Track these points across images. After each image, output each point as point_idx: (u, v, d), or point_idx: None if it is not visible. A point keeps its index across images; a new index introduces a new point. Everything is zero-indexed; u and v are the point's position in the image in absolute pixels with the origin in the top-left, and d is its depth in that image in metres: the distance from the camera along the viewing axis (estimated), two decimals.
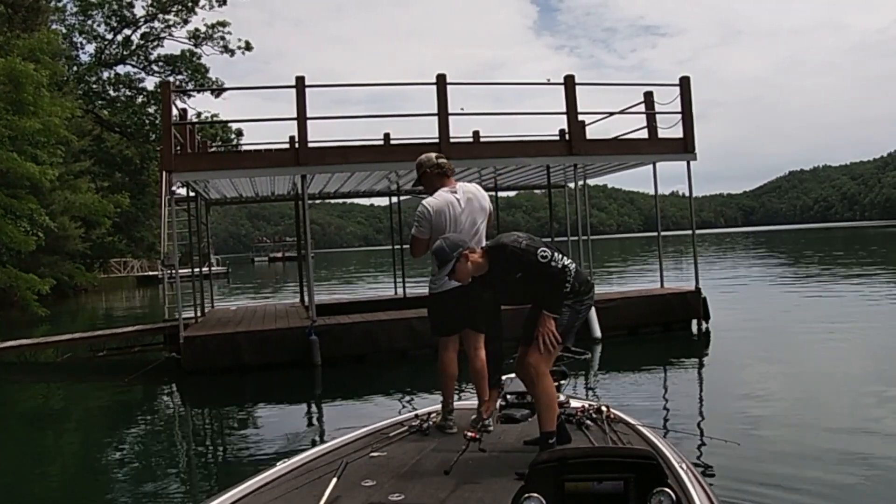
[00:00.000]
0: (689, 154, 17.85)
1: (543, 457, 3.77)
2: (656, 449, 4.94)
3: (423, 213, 6.11)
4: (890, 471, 7.17)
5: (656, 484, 3.54)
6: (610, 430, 5.60)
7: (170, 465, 9.20)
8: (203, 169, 16.37)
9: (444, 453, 5.34)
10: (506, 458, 5.18)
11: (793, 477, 6.96)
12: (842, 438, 8.34)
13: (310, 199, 18.70)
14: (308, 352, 14.62)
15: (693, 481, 4.26)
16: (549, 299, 5.18)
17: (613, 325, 16.27)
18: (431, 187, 6.35)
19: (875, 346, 14.79)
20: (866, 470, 7.15)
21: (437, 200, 6.15)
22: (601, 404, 6.13)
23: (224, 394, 13.64)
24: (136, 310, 36.61)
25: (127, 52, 49.56)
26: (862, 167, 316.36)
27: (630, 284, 28.92)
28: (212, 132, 43.95)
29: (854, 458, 7.49)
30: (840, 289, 26.27)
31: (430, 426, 6.06)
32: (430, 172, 6.40)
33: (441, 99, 16.08)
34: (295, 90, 15.47)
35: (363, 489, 4.64)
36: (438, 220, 6.07)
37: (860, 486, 6.77)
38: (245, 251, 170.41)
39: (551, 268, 5.06)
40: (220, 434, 11.08)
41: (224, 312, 20.59)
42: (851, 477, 6.97)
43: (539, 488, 3.53)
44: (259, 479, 4.80)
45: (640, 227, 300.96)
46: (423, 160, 6.49)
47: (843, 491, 6.64)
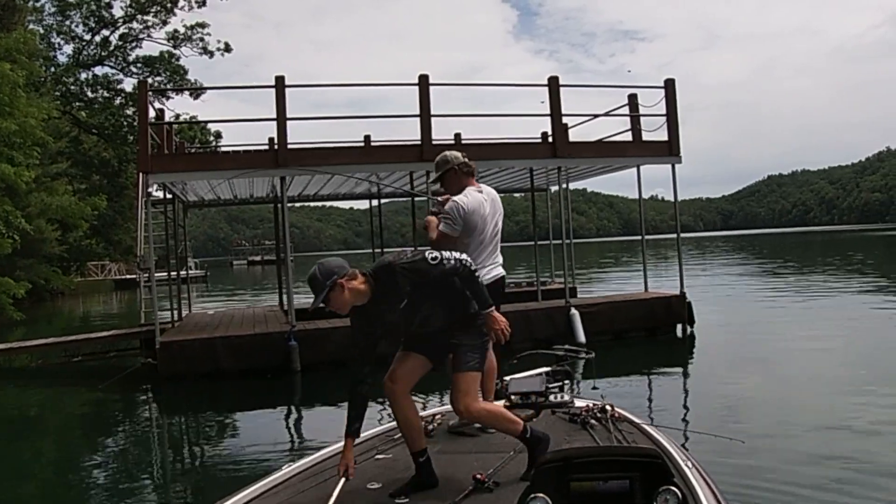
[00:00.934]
0: (674, 157, 17.72)
1: (548, 457, 3.76)
2: (661, 447, 4.92)
3: (458, 210, 5.98)
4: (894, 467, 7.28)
5: (662, 482, 3.53)
6: (615, 430, 5.56)
7: (145, 474, 9.00)
8: (180, 170, 16.02)
9: (449, 455, 5.35)
10: (511, 460, 5.08)
11: (799, 474, 7.04)
12: (846, 436, 8.50)
13: (289, 202, 18.43)
14: (287, 358, 14.40)
15: (699, 479, 4.25)
16: (469, 300, 4.87)
17: (598, 331, 16.10)
18: (457, 186, 6.23)
19: (861, 348, 15.03)
20: (871, 468, 7.23)
21: (471, 199, 6.05)
22: (605, 403, 6.09)
23: (201, 400, 13.38)
24: (114, 314, 36.24)
25: (105, 53, 49.08)
26: (840, 172, 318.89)
27: (614, 289, 28.76)
28: (190, 134, 43.63)
29: (858, 456, 7.58)
30: (822, 292, 26.34)
31: (434, 428, 5.98)
32: (458, 170, 6.26)
33: (423, 100, 15.85)
34: (274, 90, 15.20)
35: (368, 492, 4.68)
36: (472, 219, 6.00)
37: (866, 483, 6.82)
38: (224, 254, 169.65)
39: (445, 267, 4.64)
40: (197, 441, 10.85)
41: (202, 317, 20.32)
42: (857, 474, 7.04)
43: (544, 488, 3.52)
44: (266, 482, 4.83)
45: (619, 231, 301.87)
46: (451, 157, 6.33)
47: (849, 488, 6.68)
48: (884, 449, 8.01)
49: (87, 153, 49.30)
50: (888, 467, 7.33)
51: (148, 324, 16.18)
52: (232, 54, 48.99)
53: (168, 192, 18.65)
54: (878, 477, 7.03)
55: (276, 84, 15.20)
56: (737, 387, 11.84)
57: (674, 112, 17.62)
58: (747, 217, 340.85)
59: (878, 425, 8.94)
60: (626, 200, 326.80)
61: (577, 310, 16.45)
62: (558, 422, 6.10)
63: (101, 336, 17.86)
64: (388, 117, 17.35)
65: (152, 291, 15.73)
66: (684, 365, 14.83)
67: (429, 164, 15.73)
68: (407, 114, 16.23)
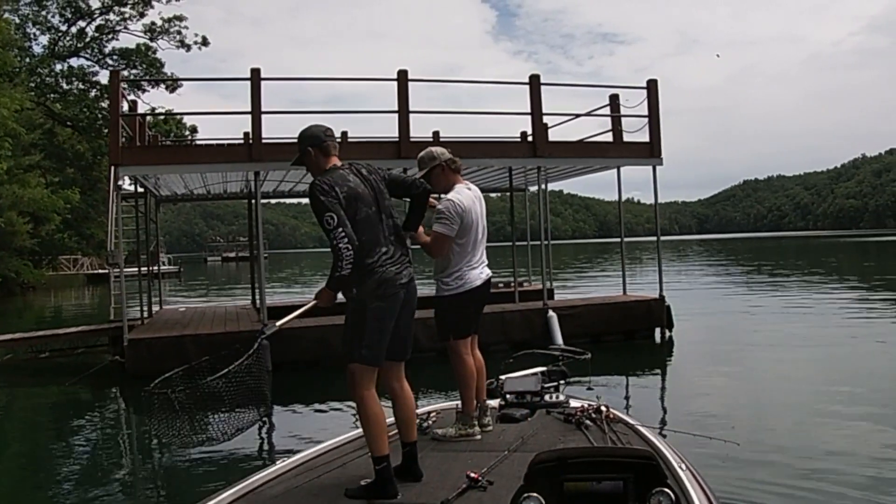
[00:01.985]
0: (656, 159, 17.53)
1: (543, 456, 3.73)
2: (655, 449, 4.98)
3: (453, 209, 5.83)
4: (888, 469, 7.35)
5: (656, 484, 3.56)
6: (609, 430, 5.62)
7: (111, 474, 8.67)
8: (152, 163, 15.65)
9: (443, 453, 5.45)
10: (505, 459, 5.13)
11: (791, 476, 7.08)
12: (837, 437, 8.62)
13: (263, 199, 18.11)
14: None
15: (692, 481, 4.30)
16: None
17: (575, 334, 15.77)
18: (443, 183, 6.09)
19: (838, 350, 15.24)
20: (866, 469, 7.30)
21: (465, 197, 5.94)
22: (600, 404, 6.10)
23: None
24: (85, 309, 35.66)
25: (81, 45, 48.45)
26: (815, 177, 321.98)
27: (590, 291, 28.62)
28: (166, 128, 43.20)
29: (853, 457, 7.71)
30: (797, 296, 26.55)
31: (429, 426, 6.03)
32: (445, 167, 6.09)
33: (402, 95, 15.56)
34: (249, 83, 14.87)
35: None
36: (468, 217, 5.90)
37: (860, 484, 6.84)
38: (198, 250, 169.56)
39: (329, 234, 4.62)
40: (163, 442, 10.41)
41: (172, 314, 19.96)
42: (851, 476, 7.08)
43: (538, 488, 3.55)
44: (258, 477, 4.88)
45: (594, 233, 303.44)
46: (437, 153, 6.14)
47: (843, 490, 6.70)
48: (875, 449, 8.10)
49: (60, 145, 48.77)
50: (881, 467, 7.38)
51: (117, 320, 15.80)
52: (209, 50, 48.70)
53: (140, 185, 18.28)
54: (879, 476, 7.09)
55: (251, 76, 14.87)
56: (725, 390, 11.93)
57: (656, 113, 17.43)
58: (723, 221, 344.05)
59: (868, 425, 9.10)
60: (601, 202, 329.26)
61: (555, 312, 16.20)
62: (553, 421, 6.14)
63: (69, 332, 17.43)
64: (366, 112, 17.12)
65: (121, 287, 15.40)
66: (663, 368, 14.75)
67: (407, 161, 15.54)
68: (385, 109, 15.93)
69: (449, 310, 6.01)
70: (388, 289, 4.85)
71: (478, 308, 6.14)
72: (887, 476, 7.14)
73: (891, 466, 7.45)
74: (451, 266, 5.97)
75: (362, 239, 4.75)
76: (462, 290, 5.93)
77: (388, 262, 4.89)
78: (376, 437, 4.73)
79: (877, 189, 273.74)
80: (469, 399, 5.96)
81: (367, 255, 4.80)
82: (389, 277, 4.86)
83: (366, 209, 4.86)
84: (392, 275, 4.87)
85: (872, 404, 10.27)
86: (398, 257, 4.97)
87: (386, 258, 4.88)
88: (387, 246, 4.93)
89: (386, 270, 4.85)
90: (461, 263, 5.97)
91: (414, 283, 5.13)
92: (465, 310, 6.00)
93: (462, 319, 6.00)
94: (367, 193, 4.94)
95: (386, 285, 4.84)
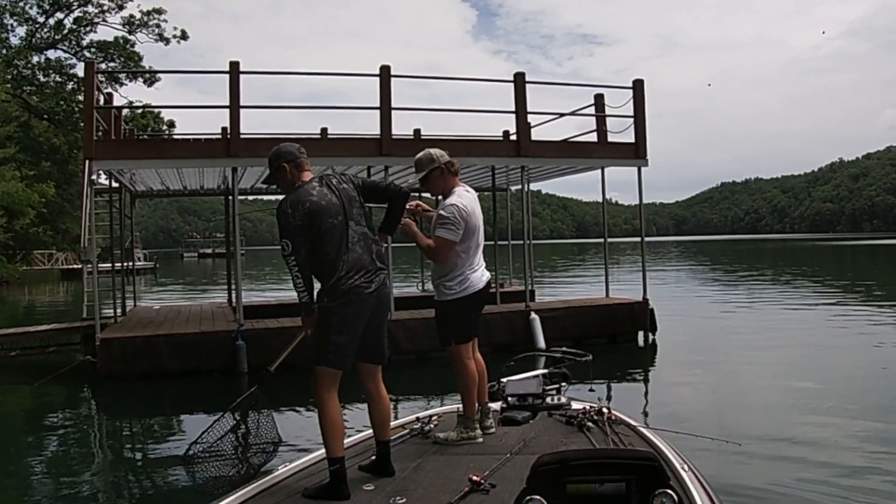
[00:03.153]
0: (641, 160, 17.33)
1: (545, 459, 3.74)
2: (658, 450, 4.99)
3: (458, 214, 5.81)
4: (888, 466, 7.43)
5: (658, 485, 3.57)
6: (611, 432, 5.63)
7: (78, 480, 8.26)
8: (126, 157, 15.22)
9: (445, 456, 5.45)
10: (508, 462, 5.14)
11: (794, 476, 7.10)
12: (839, 437, 8.67)
13: (241, 195, 17.76)
14: (234, 358, 13.73)
15: (695, 482, 4.30)
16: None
17: (557, 336, 15.42)
18: (442, 186, 6.10)
19: (823, 353, 15.50)
20: (868, 467, 7.40)
21: (466, 201, 5.92)
22: (602, 406, 6.11)
23: (141, 402, 12.77)
24: (59, 305, 35.27)
25: (59, 37, 48.03)
26: (793, 181, 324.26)
27: (572, 293, 28.50)
28: (143, 123, 42.75)
29: (855, 456, 7.81)
30: (778, 298, 26.83)
31: (431, 429, 6.04)
32: (444, 169, 6.05)
33: (384, 91, 15.21)
34: (228, 76, 14.50)
35: (364, 493, 4.74)
36: (471, 221, 5.89)
37: (861, 485, 6.87)
38: (175, 246, 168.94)
39: (283, 259, 4.96)
40: (134, 447, 10.19)
41: (146, 312, 19.50)
42: (852, 476, 7.12)
43: (541, 490, 3.54)
44: (260, 483, 4.86)
45: (572, 233, 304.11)
46: (436, 155, 6.05)
47: (845, 489, 6.71)
48: (876, 446, 8.24)
49: (36, 139, 48.23)
50: (883, 467, 7.43)
51: (89, 318, 15.39)
52: (188, 45, 48.27)
53: (115, 180, 17.88)
54: (874, 477, 7.11)
55: (230, 69, 14.50)
56: (718, 391, 12.04)
57: (642, 114, 17.21)
58: (700, 223, 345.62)
59: (866, 424, 9.29)
60: (579, 203, 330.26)
61: (537, 314, 15.91)
62: (555, 424, 6.15)
63: (40, 330, 17.09)
64: (347, 108, 16.75)
65: (94, 284, 15.00)
66: (648, 371, 14.60)
67: (388, 158, 15.24)
68: (367, 106, 15.55)
69: (452, 314, 5.97)
70: (355, 296, 4.95)
71: (478, 311, 6.15)
72: (887, 474, 7.20)
73: (891, 466, 7.50)
74: (454, 270, 5.91)
75: (327, 249, 4.93)
76: (465, 294, 5.90)
77: (355, 271, 4.98)
78: (333, 440, 4.87)
79: (854, 193, 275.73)
80: (471, 403, 5.92)
81: (334, 264, 4.95)
82: (356, 285, 4.96)
83: (330, 220, 4.96)
84: (359, 282, 4.98)
85: (870, 404, 10.43)
86: (366, 265, 5.06)
87: (352, 266, 4.98)
88: (354, 253, 5.02)
89: (352, 278, 4.95)
90: (464, 267, 5.93)
91: (386, 288, 5.22)
92: (468, 313, 5.99)
93: (464, 323, 5.97)
94: (333, 204, 5.02)
95: (352, 292, 4.94)
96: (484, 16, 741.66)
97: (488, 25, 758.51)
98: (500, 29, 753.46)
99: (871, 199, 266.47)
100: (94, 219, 15.96)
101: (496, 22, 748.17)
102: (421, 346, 14.04)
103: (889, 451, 8.11)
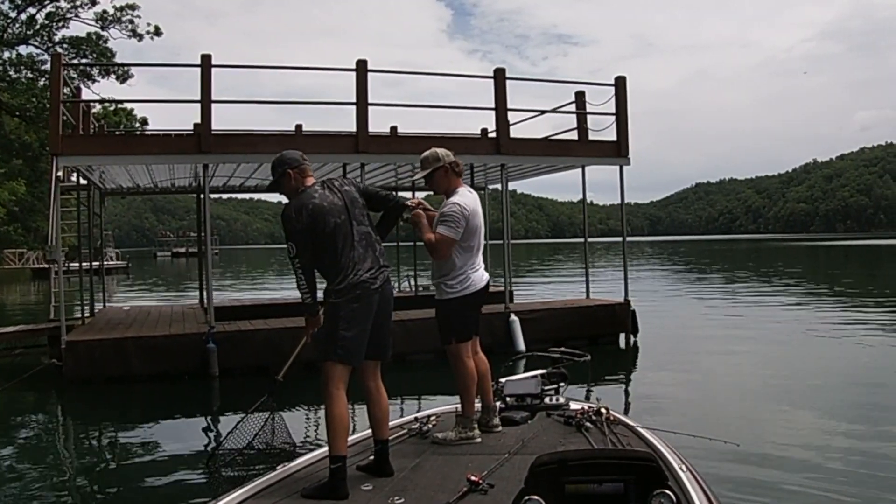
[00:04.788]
0: (623, 158, 17.00)
1: (544, 459, 3.76)
2: (656, 451, 5.01)
3: (460, 212, 5.88)
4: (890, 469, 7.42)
5: (657, 486, 3.59)
6: (609, 433, 5.66)
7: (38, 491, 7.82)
8: (93, 153, 14.65)
9: (443, 456, 5.48)
10: (506, 462, 5.15)
11: (792, 477, 7.15)
12: (837, 437, 8.76)
13: (213, 193, 17.32)
14: (205, 361, 13.32)
15: (693, 483, 4.31)
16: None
17: (538, 339, 15.01)
18: (445, 185, 6.14)
19: (820, 351, 15.64)
20: (867, 470, 7.37)
21: (469, 201, 6.00)
22: (601, 406, 6.13)
23: (109, 407, 12.31)
24: (30, 305, 34.73)
25: (31, 32, 47.22)
26: (767, 181, 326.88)
27: (551, 293, 28.14)
28: (115, 119, 42.23)
29: (852, 458, 7.78)
30: (755, 297, 26.89)
31: (430, 429, 6.09)
32: (448, 169, 6.12)
33: (360, 87, 14.77)
34: (200, 69, 14.02)
35: (362, 493, 4.76)
36: (473, 221, 5.97)
37: (861, 485, 6.90)
38: (149, 245, 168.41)
39: (290, 261, 5.16)
40: (101, 453, 9.77)
41: (116, 313, 18.98)
42: (852, 477, 7.15)
43: (539, 490, 3.56)
44: (258, 483, 4.88)
45: (547, 234, 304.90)
46: (441, 154, 6.13)
47: (844, 491, 6.72)
48: (875, 445, 8.31)
49: (7, 136, 47.46)
50: (880, 466, 7.50)
51: (57, 320, 14.90)
52: (163, 44, 47.99)
53: (83, 177, 17.38)
54: (881, 477, 7.15)
55: (201, 62, 14.03)
56: (708, 393, 12.04)
57: (624, 111, 16.88)
58: (674, 223, 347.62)
59: (865, 425, 9.32)
60: (554, 203, 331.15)
61: (517, 316, 15.54)
62: (553, 424, 6.18)
63: (6, 332, 16.52)
64: (323, 104, 16.26)
65: (60, 285, 14.60)
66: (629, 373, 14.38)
67: (364, 156, 14.88)
68: (342, 101, 15.13)
69: (452, 313, 6.03)
70: (362, 292, 5.06)
71: (478, 311, 6.23)
72: (886, 474, 7.25)
73: (890, 465, 7.59)
74: (455, 269, 5.98)
75: (332, 248, 5.08)
76: (466, 293, 5.98)
77: (360, 267, 5.11)
78: (337, 437, 4.92)
79: (827, 194, 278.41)
80: (469, 402, 5.97)
81: (340, 262, 5.07)
82: (362, 281, 5.08)
83: (334, 220, 5.09)
84: (365, 278, 5.09)
85: (862, 402, 10.69)
86: (370, 262, 5.18)
87: (357, 263, 5.11)
88: (358, 251, 5.14)
89: (358, 275, 5.07)
90: (465, 266, 6.00)
91: (390, 286, 5.35)
92: (468, 312, 6.07)
93: (465, 322, 6.05)
94: (336, 204, 5.17)
95: (358, 288, 5.05)
96: (459, 15, 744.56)
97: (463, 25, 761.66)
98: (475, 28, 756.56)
99: (844, 199, 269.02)
100: (62, 217, 15.51)
101: (471, 21, 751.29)
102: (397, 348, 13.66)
103: (886, 447, 8.23)
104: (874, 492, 6.75)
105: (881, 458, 7.79)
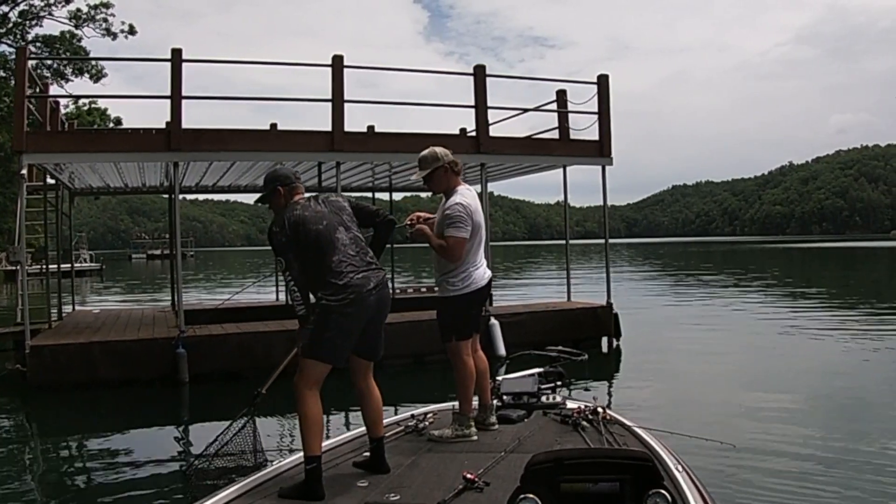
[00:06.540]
0: (605, 158, 16.73)
1: (539, 457, 3.77)
2: (652, 450, 5.05)
3: (465, 212, 5.93)
4: (882, 471, 7.36)
5: (652, 485, 3.61)
6: (606, 432, 5.70)
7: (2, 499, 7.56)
8: (58, 150, 14.11)
9: (439, 454, 5.52)
10: (502, 460, 5.17)
11: (788, 478, 7.13)
12: (832, 440, 8.70)
13: (186, 193, 16.84)
14: (174, 367, 12.90)
15: (689, 483, 4.34)
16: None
17: (518, 342, 14.50)
18: (445, 185, 6.17)
19: (812, 352, 15.87)
20: (864, 470, 7.36)
21: (469, 199, 6.04)
22: (597, 406, 6.21)
23: (74, 413, 11.95)
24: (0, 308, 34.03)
25: (3, 31, 46.66)
26: (743, 184, 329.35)
27: (531, 296, 28.13)
28: (89, 120, 41.75)
29: (850, 460, 7.76)
30: (735, 299, 27.03)
31: (426, 427, 6.15)
32: (448, 169, 6.14)
33: (336, 83, 14.36)
34: (170, 64, 13.54)
35: (358, 489, 4.77)
36: (476, 219, 6.00)
37: (859, 485, 6.89)
38: (123, 247, 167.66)
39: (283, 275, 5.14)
40: (66, 462, 9.40)
41: (85, 316, 18.53)
42: (848, 477, 7.14)
43: (535, 489, 3.59)
44: (252, 479, 4.92)
45: (524, 235, 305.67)
46: (441, 154, 6.12)
47: (840, 491, 6.75)
48: (875, 447, 8.28)
49: None
50: (878, 468, 7.45)
51: (21, 323, 14.39)
52: (137, 43, 47.60)
53: (51, 177, 16.87)
54: (876, 478, 7.10)
55: (171, 57, 13.55)
56: (698, 396, 12.01)
57: (606, 110, 16.60)
58: (651, 225, 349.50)
59: (863, 425, 9.43)
60: (531, 205, 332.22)
61: (497, 319, 15.13)
62: (550, 423, 6.23)
63: None
64: (298, 100, 15.77)
65: (23, 287, 14.14)
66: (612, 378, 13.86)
67: (340, 154, 14.46)
68: (318, 97, 14.72)
69: (454, 310, 6.07)
70: (354, 294, 5.00)
71: (479, 309, 6.29)
72: (886, 479, 7.14)
73: (890, 465, 7.55)
74: (458, 267, 6.01)
75: (318, 255, 5.03)
76: (469, 291, 6.02)
77: (351, 270, 5.06)
78: (311, 437, 4.86)
79: (803, 196, 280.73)
80: (467, 400, 6.00)
81: (328, 267, 5.03)
82: (354, 283, 5.02)
83: (315, 227, 5.08)
84: (356, 280, 5.04)
85: (854, 403, 10.88)
86: (362, 265, 5.14)
87: (347, 266, 5.06)
88: (347, 254, 5.11)
89: (348, 276, 5.03)
90: (467, 264, 6.04)
91: (385, 287, 5.30)
92: (470, 310, 6.11)
93: (466, 320, 6.10)
94: (317, 213, 5.16)
95: (350, 290, 4.99)
96: (436, 17, 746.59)
97: (440, 27, 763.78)
98: (451, 31, 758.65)
99: (820, 202, 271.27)
100: (31, 218, 15.06)
101: (447, 24, 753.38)
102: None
103: (883, 448, 8.23)
104: (870, 491, 6.74)
105: (877, 458, 7.79)
